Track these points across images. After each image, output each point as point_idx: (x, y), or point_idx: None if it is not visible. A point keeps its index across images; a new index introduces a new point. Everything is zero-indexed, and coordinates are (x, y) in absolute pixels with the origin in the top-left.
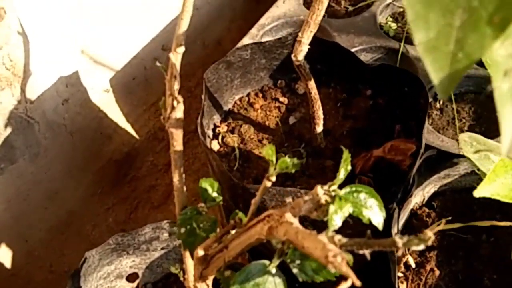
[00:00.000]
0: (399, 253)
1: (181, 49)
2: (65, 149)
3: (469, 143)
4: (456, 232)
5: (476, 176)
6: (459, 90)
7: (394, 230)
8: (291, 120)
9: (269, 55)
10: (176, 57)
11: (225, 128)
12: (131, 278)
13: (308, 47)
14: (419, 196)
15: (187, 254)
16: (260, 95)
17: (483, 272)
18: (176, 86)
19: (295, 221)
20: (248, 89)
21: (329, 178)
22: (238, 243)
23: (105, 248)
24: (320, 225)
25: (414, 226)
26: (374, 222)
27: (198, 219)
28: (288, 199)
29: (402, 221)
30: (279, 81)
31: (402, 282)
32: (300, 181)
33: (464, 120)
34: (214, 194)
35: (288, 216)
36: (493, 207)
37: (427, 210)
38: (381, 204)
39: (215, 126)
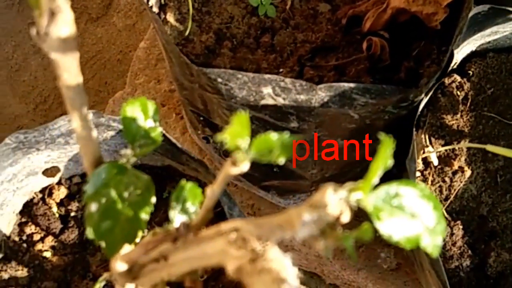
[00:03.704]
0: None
1: None
2: None
3: None
4: (497, 115)
5: None
6: None
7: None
8: None
9: None
10: None
11: None
12: (49, 173)
13: None
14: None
15: None
16: None
17: None
18: None
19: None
20: None
21: (323, 31)
22: (185, 259)
23: (2, 149)
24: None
25: (439, 107)
26: (428, 247)
27: (121, 182)
28: (266, 89)
29: (424, 99)
30: None
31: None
32: (282, 35)
33: None
34: (149, 124)
35: (274, 255)
36: None
37: (458, 78)
38: (440, 212)
39: None
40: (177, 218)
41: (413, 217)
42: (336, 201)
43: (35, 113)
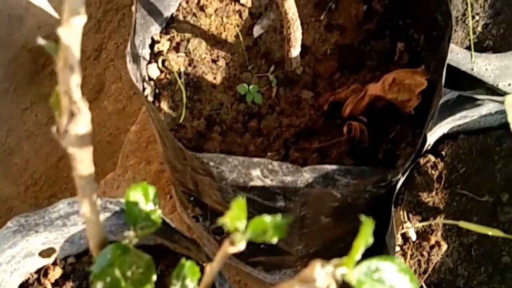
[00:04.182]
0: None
1: (80, 19)
2: None
3: None
4: (470, 192)
5: (501, 115)
6: None
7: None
8: (257, 31)
9: None
10: (71, 32)
11: (167, 45)
12: (45, 253)
13: None
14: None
15: None
16: None
17: (503, 246)
18: (76, 79)
19: None
20: None
21: (306, 116)
22: None
23: (3, 232)
24: None
25: (416, 185)
26: None
27: (124, 262)
28: (255, 172)
29: (401, 178)
30: None
31: (398, 259)
32: (268, 120)
33: (478, 17)
34: (150, 207)
35: None
36: None
37: (432, 158)
38: (416, 284)
39: (153, 42)
40: None
41: None
42: (323, 275)
43: (25, 195)
